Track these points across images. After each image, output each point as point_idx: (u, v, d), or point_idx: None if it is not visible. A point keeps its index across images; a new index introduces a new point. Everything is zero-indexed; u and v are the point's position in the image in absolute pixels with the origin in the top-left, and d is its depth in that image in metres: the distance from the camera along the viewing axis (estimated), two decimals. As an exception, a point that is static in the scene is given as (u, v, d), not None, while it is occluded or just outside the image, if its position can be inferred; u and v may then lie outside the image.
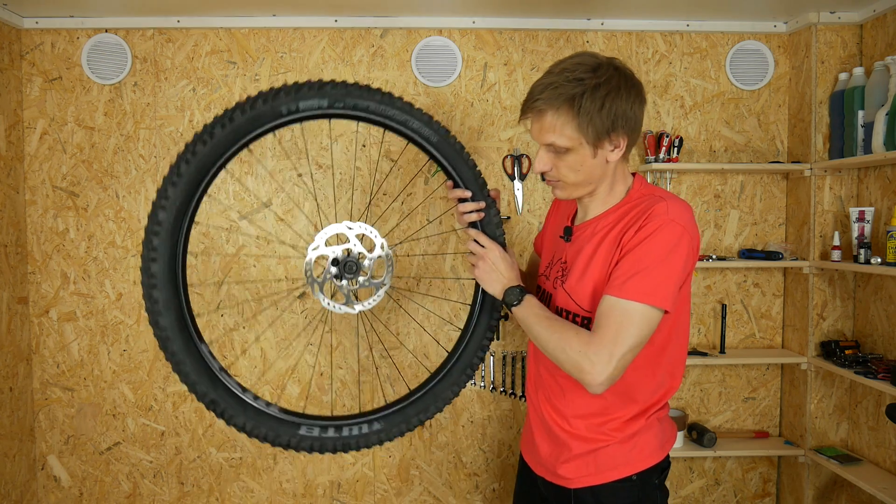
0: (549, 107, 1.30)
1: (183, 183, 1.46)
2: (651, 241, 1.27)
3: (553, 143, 1.33)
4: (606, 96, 1.29)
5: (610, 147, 1.34)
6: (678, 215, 1.29)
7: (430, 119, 1.50)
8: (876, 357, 2.33)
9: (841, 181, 2.49)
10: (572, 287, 1.40)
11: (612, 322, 1.26)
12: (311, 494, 2.64)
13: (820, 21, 2.44)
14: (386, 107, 1.46)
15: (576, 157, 1.33)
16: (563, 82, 1.29)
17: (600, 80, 1.30)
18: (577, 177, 1.36)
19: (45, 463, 2.60)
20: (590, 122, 1.29)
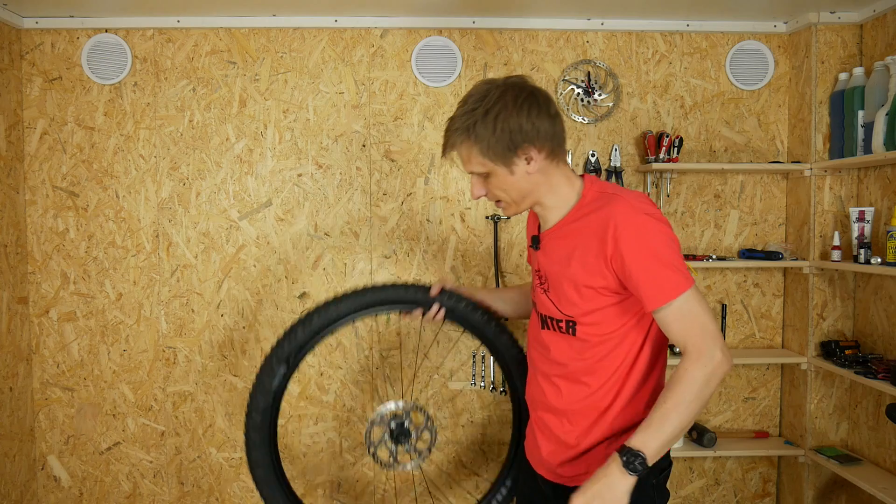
0: (454, 142, 1.40)
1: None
2: (643, 244, 1.31)
3: (473, 171, 1.43)
4: (497, 118, 1.36)
5: (523, 161, 1.39)
6: (641, 205, 1.35)
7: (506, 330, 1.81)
8: (876, 357, 2.33)
9: (841, 181, 2.49)
10: (556, 294, 1.45)
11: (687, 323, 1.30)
12: (311, 494, 2.64)
13: (820, 21, 2.44)
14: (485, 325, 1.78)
15: (497, 179, 1.41)
16: (460, 116, 1.39)
17: (489, 106, 1.36)
18: (510, 195, 1.43)
19: (45, 463, 2.60)
20: (489, 146, 1.37)
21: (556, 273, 1.44)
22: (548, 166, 1.41)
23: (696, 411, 1.30)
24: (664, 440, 1.27)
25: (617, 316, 1.39)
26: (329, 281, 2.59)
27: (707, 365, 1.28)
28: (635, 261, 1.30)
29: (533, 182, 1.41)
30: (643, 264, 1.30)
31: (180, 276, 2.57)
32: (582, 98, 2.57)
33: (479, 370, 2.61)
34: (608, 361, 1.42)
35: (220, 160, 2.55)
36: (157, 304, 2.57)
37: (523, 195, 1.43)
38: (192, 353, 2.59)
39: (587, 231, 1.38)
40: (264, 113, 2.55)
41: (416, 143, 2.57)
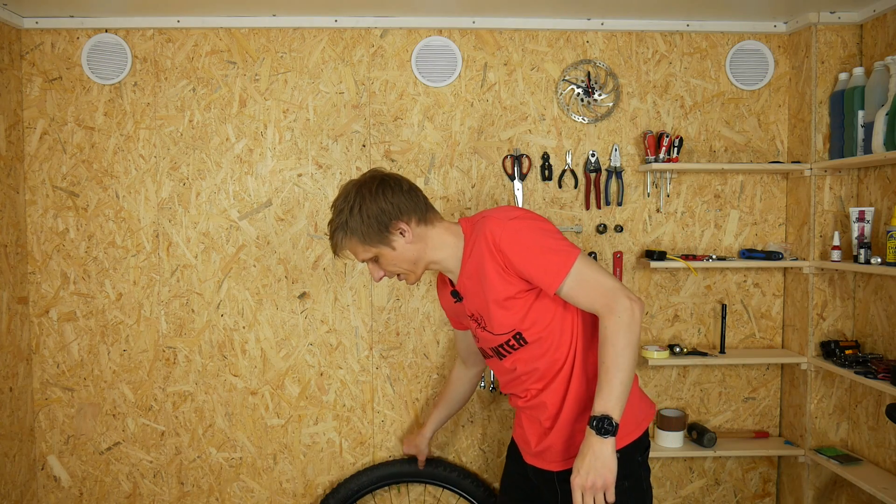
0: (338, 242, 1.61)
1: None
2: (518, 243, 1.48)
3: (363, 259, 1.63)
4: (360, 210, 1.57)
5: (399, 236, 1.60)
6: (504, 214, 1.54)
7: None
8: (876, 357, 2.33)
9: (841, 181, 2.49)
10: (492, 323, 1.60)
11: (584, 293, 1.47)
12: (311, 494, 2.64)
13: (820, 21, 2.44)
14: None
15: (385, 258, 1.61)
16: (334, 219, 1.61)
17: (351, 202, 1.59)
18: (402, 266, 1.63)
19: (45, 463, 2.60)
20: (364, 234, 1.58)
21: (481, 307, 1.60)
22: (423, 231, 1.61)
23: (632, 357, 1.44)
24: (619, 395, 1.41)
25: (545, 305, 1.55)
26: (329, 281, 2.59)
27: (621, 315, 1.42)
28: (521, 260, 1.48)
29: (417, 249, 1.61)
30: (527, 260, 1.48)
31: (180, 276, 2.57)
32: (582, 98, 2.57)
33: (479, 370, 2.61)
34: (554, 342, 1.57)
35: (220, 160, 2.56)
36: (157, 304, 2.57)
37: (414, 262, 1.62)
38: (192, 353, 2.59)
39: (479, 259, 1.55)
40: (264, 113, 2.55)
41: (416, 143, 2.57)
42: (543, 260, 1.48)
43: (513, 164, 2.56)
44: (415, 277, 1.66)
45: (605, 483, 1.40)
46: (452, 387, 2.19)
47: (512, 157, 2.57)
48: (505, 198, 2.59)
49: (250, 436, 2.62)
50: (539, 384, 1.61)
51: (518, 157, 2.56)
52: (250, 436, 2.62)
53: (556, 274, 1.47)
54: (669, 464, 2.69)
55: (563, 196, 2.61)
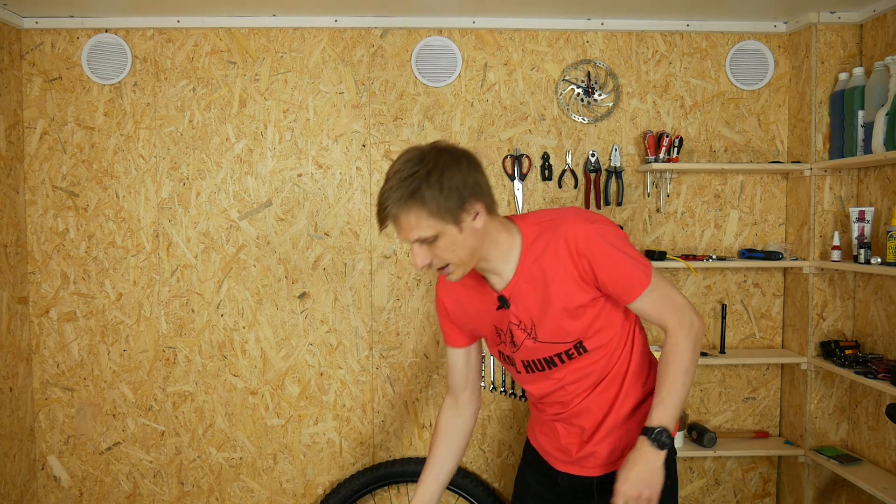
0: (399, 210, 1.35)
1: None
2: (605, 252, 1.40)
3: (419, 237, 1.37)
4: (441, 177, 1.35)
5: (470, 217, 1.39)
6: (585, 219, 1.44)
7: None
8: (876, 357, 2.33)
9: (841, 181, 2.49)
10: (548, 335, 1.48)
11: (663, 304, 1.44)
12: (311, 494, 2.64)
13: (820, 21, 2.44)
14: None
15: (446, 240, 1.37)
16: (399, 183, 1.35)
17: (429, 167, 1.35)
18: (459, 255, 1.39)
19: (45, 463, 2.60)
20: (438, 206, 1.34)
21: (540, 314, 1.47)
22: (488, 221, 1.43)
23: (693, 374, 1.43)
24: (676, 409, 1.40)
25: (612, 314, 1.49)
26: (329, 281, 2.59)
27: (690, 333, 1.42)
28: (603, 268, 1.41)
29: (479, 238, 1.41)
30: (609, 268, 1.41)
31: (180, 276, 2.57)
32: (582, 98, 2.57)
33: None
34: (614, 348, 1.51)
35: (220, 160, 2.56)
36: (157, 304, 2.57)
37: (472, 253, 1.41)
38: (192, 353, 2.59)
39: (551, 263, 1.43)
40: (264, 113, 2.55)
41: (416, 143, 2.56)
42: (626, 270, 1.41)
43: (513, 164, 2.56)
44: (462, 272, 1.43)
45: (651, 495, 1.35)
46: (445, 437, 1.72)
47: (512, 157, 2.57)
48: (505, 198, 2.59)
49: (250, 436, 2.62)
50: (586, 391, 1.52)
51: (518, 157, 2.56)
52: (250, 436, 2.62)
53: (637, 286, 1.42)
54: (669, 464, 2.69)
55: (563, 196, 2.60)
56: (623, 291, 1.42)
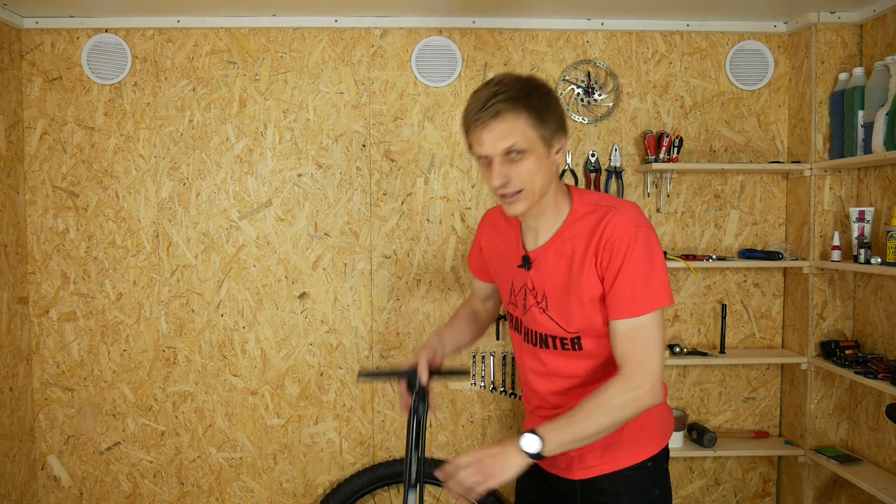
0: (504, 107, 1.30)
1: None
2: (633, 256, 1.31)
3: (512, 145, 1.31)
4: (547, 96, 1.35)
5: (556, 148, 1.37)
6: (636, 218, 1.35)
7: None
8: (876, 357, 2.33)
9: (841, 181, 2.49)
10: (557, 313, 1.42)
11: (638, 344, 1.31)
12: (311, 494, 2.64)
13: (820, 21, 2.44)
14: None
15: (531, 161, 1.33)
16: (509, 87, 1.32)
17: (537, 84, 1.35)
18: (535, 182, 1.35)
19: (45, 463, 2.60)
20: (541, 118, 1.32)
21: (556, 290, 1.41)
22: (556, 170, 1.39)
23: (604, 427, 1.31)
24: (566, 441, 1.29)
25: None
26: (329, 281, 2.59)
27: (629, 392, 1.29)
28: (616, 269, 1.32)
29: (553, 176, 1.38)
30: (622, 274, 1.31)
31: (180, 276, 2.57)
32: (582, 98, 2.57)
33: (479, 370, 2.61)
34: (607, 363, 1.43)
35: (220, 160, 2.56)
36: (157, 304, 2.57)
37: (543, 187, 1.36)
38: (192, 353, 2.59)
39: (583, 245, 1.37)
40: (264, 113, 2.55)
41: (416, 143, 2.57)
42: (635, 286, 1.31)
43: (513, 164, 2.56)
44: (526, 205, 1.36)
45: (482, 482, 1.27)
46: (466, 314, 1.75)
47: (512, 157, 2.56)
48: (505, 198, 2.59)
49: (250, 436, 2.62)
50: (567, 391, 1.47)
51: (518, 157, 2.56)
52: (250, 436, 2.62)
53: (634, 307, 1.30)
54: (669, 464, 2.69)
55: (563, 196, 2.60)
56: (617, 304, 1.32)
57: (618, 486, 1.45)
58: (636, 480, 1.45)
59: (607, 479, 1.45)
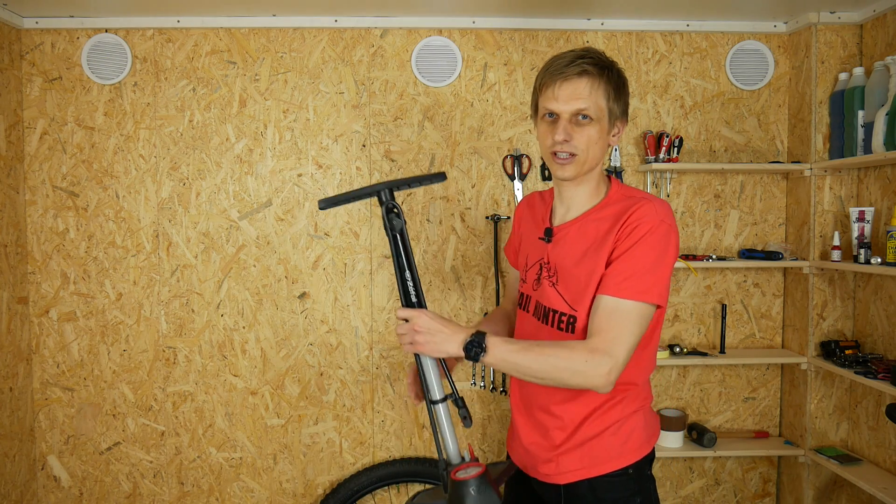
0: (591, 70, 1.37)
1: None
2: (646, 242, 1.32)
3: (583, 109, 1.36)
4: (625, 79, 1.43)
5: (616, 130, 1.42)
6: (665, 214, 1.36)
7: None
8: (876, 357, 2.33)
9: (841, 181, 2.49)
10: (565, 288, 1.42)
11: (613, 323, 1.30)
12: (311, 494, 2.64)
13: (820, 21, 2.44)
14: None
15: (594, 131, 1.38)
16: (597, 55, 1.39)
17: (618, 67, 1.43)
18: (590, 152, 1.39)
19: (45, 463, 2.60)
20: (617, 95, 1.40)
21: (568, 267, 1.42)
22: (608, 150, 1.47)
23: (541, 377, 1.30)
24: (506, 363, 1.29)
25: None
26: (329, 281, 2.59)
27: (586, 363, 1.27)
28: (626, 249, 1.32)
29: (603, 155, 1.43)
30: (629, 254, 1.32)
31: (180, 276, 2.57)
32: (582, 98, 2.57)
33: (479, 370, 2.61)
34: None
35: (220, 160, 2.56)
36: (157, 304, 2.57)
37: (595, 162, 1.41)
38: (192, 353, 2.59)
39: (606, 226, 1.38)
40: (264, 113, 2.55)
41: (416, 143, 2.57)
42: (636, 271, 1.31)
43: (513, 164, 2.56)
44: (577, 171, 1.39)
45: (413, 345, 1.30)
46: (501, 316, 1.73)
47: (512, 157, 2.57)
48: (505, 198, 2.59)
49: (250, 436, 2.62)
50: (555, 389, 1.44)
51: (518, 157, 2.56)
52: (250, 436, 2.62)
53: (626, 289, 1.30)
54: (669, 464, 2.69)
55: (563, 196, 2.60)
56: (612, 279, 1.32)
57: (599, 493, 1.42)
58: (618, 487, 1.43)
59: (588, 486, 1.43)
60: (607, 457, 1.43)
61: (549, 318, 1.45)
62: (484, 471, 1.29)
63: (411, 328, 1.32)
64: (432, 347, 1.31)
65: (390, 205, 1.37)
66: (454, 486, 1.28)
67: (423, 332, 1.31)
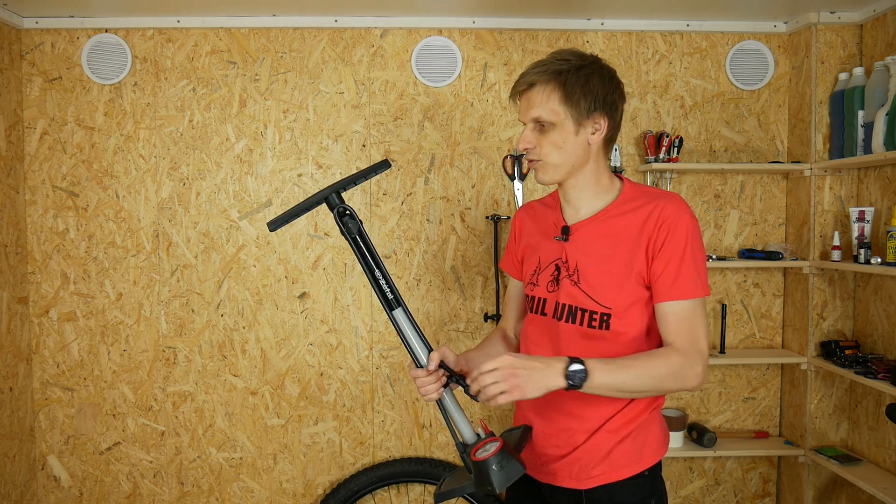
0: (538, 79, 1.39)
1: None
2: (687, 242, 1.36)
3: (538, 116, 1.39)
4: (590, 76, 1.39)
5: (591, 128, 1.41)
6: (687, 209, 1.40)
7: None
8: (876, 357, 2.33)
9: (841, 181, 2.49)
10: (589, 285, 1.41)
11: (686, 324, 1.35)
12: (311, 494, 2.64)
13: (820, 21, 2.44)
14: None
15: (559, 134, 1.39)
16: (552, 61, 1.40)
17: (584, 63, 1.40)
18: (559, 156, 1.41)
19: (45, 463, 2.60)
20: (573, 96, 1.38)
21: (592, 264, 1.42)
22: (599, 150, 1.44)
23: (647, 388, 1.32)
24: (608, 385, 1.28)
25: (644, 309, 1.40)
26: (329, 281, 2.59)
27: (685, 366, 1.31)
28: (668, 251, 1.35)
29: (586, 153, 1.43)
30: (673, 256, 1.35)
31: (180, 276, 2.57)
32: (582, 98, 2.57)
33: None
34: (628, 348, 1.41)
35: (220, 160, 2.56)
36: (157, 304, 2.57)
37: (570, 163, 1.42)
38: (192, 353, 2.59)
39: (633, 225, 1.40)
40: (264, 113, 2.55)
41: (416, 143, 2.57)
42: (685, 269, 1.34)
43: (513, 164, 2.56)
44: (552, 175, 1.43)
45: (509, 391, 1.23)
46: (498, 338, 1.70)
47: (512, 157, 2.57)
48: (505, 198, 2.59)
49: (250, 436, 2.62)
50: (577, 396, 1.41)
51: (518, 157, 2.56)
52: (250, 436, 2.62)
53: (684, 290, 1.34)
54: (669, 464, 2.69)
55: (563, 196, 2.61)
56: (666, 284, 1.35)
57: (616, 497, 1.43)
58: (634, 491, 1.43)
59: (604, 490, 1.43)
60: (627, 461, 1.43)
61: (578, 316, 1.43)
62: (503, 444, 1.29)
63: (505, 375, 1.24)
64: (535, 385, 1.24)
65: (341, 208, 1.34)
66: (477, 467, 1.28)
67: (519, 375, 1.24)
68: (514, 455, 1.29)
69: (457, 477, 1.40)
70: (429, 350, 1.39)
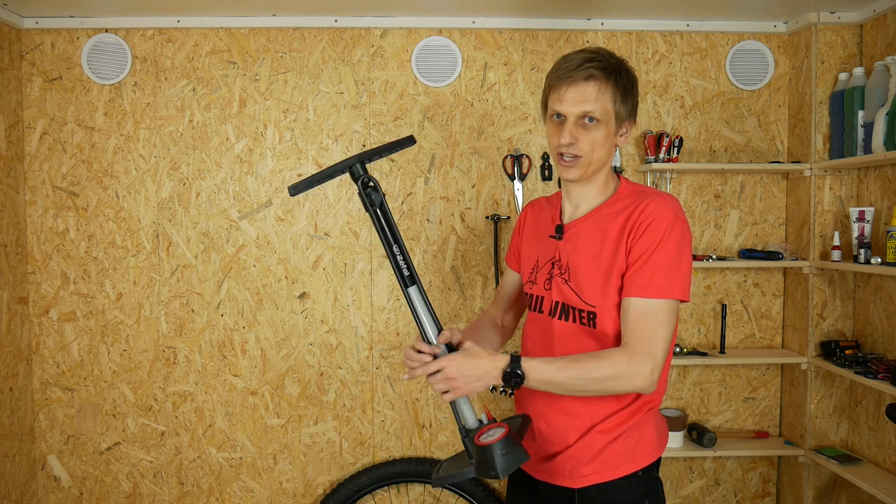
0: (600, 74, 1.37)
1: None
2: (664, 241, 1.34)
3: (590, 111, 1.38)
4: (634, 80, 1.43)
5: (623, 131, 1.44)
6: (677, 209, 1.38)
7: None
8: (876, 357, 2.33)
9: (841, 181, 2.49)
10: (577, 284, 1.42)
11: (645, 323, 1.32)
12: (311, 494, 2.64)
13: (820, 21, 2.44)
14: None
15: (601, 132, 1.40)
16: (605, 57, 1.39)
17: (627, 66, 1.43)
18: (595, 154, 1.41)
19: (45, 463, 2.60)
20: (623, 98, 1.40)
21: (582, 262, 1.43)
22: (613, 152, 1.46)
23: (586, 390, 1.33)
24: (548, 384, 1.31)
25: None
26: (329, 281, 2.59)
27: (629, 366, 1.29)
28: (646, 247, 1.34)
29: (609, 156, 1.45)
30: (648, 253, 1.33)
31: (180, 276, 2.57)
32: (582, 98, 2.57)
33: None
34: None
35: (220, 160, 2.56)
36: (157, 304, 2.57)
37: (601, 161, 1.43)
38: (192, 353, 2.59)
39: (619, 223, 1.40)
40: (264, 113, 2.55)
41: (417, 143, 2.57)
42: (658, 268, 1.32)
43: (513, 164, 2.56)
44: (583, 172, 1.41)
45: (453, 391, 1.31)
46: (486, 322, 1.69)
47: (512, 157, 2.57)
48: (505, 198, 2.59)
49: (250, 436, 2.62)
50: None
51: (518, 157, 2.56)
52: (250, 436, 2.62)
53: (651, 288, 1.31)
54: (669, 464, 2.69)
55: (563, 196, 2.60)
56: (636, 280, 1.33)
57: (609, 497, 1.42)
58: (628, 491, 1.43)
59: (597, 490, 1.43)
60: (620, 461, 1.43)
61: (570, 314, 1.45)
62: (508, 431, 1.29)
63: (444, 378, 1.32)
64: (472, 388, 1.32)
65: (366, 179, 1.33)
66: (481, 452, 1.28)
67: (457, 378, 1.31)
68: (518, 442, 1.30)
69: (456, 461, 1.39)
70: (439, 329, 1.40)
